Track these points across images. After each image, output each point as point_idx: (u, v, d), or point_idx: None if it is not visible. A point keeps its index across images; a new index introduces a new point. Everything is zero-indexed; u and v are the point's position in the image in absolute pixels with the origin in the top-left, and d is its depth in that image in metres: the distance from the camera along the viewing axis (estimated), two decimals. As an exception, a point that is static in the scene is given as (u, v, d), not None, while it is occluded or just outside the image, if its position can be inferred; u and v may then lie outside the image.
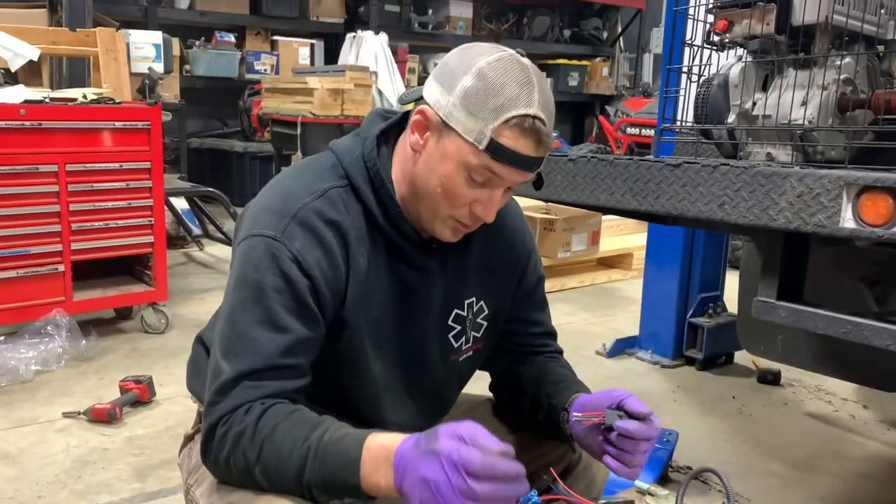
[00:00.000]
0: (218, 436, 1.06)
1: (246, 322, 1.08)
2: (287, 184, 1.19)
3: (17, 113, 3.00)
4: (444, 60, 1.14)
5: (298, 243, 1.10)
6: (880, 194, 1.36)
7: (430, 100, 1.11)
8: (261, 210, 1.15)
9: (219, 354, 1.09)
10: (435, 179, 1.11)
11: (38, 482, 2.21)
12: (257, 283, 1.09)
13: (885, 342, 1.41)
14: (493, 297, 1.33)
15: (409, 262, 1.21)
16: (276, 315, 1.08)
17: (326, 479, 1.01)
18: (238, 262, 1.13)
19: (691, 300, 3.38)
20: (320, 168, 1.20)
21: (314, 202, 1.13)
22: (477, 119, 1.06)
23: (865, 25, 1.74)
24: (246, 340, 1.08)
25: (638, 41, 10.36)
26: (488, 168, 1.08)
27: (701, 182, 1.63)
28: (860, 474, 2.46)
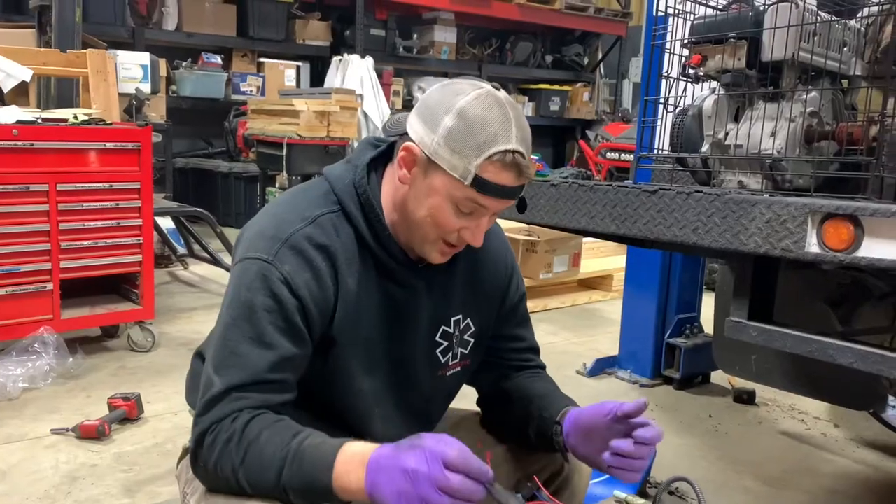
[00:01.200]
0: (206, 444, 1.13)
1: (237, 339, 1.16)
2: (281, 211, 1.27)
3: (10, 133, 3.05)
4: (425, 97, 1.22)
5: (289, 266, 1.18)
6: (842, 221, 1.45)
7: (414, 137, 1.19)
8: (255, 235, 1.23)
9: (211, 370, 1.17)
10: (424, 210, 1.20)
11: (28, 497, 2.24)
12: (249, 303, 1.17)
13: (848, 360, 1.50)
14: (478, 314, 1.41)
15: (398, 281, 1.29)
16: (264, 332, 1.16)
17: (302, 480, 1.08)
18: (233, 282, 1.21)
19: (669, 321, 3.47)
20: (313, 195, 1.28)
21: (305, 228, 1.22)
22: (461, 157, 1.14)
23: (830, 62, 1.84)
24: (236, 356, 1.15)
25: (618, 67, 10.56)
26: (474, 200, 1.18)
27: (676, 208, 1.72)
28: (831, 490, 2.54)
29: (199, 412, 1.16)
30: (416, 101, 8.84)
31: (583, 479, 1.38)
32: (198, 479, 1.19)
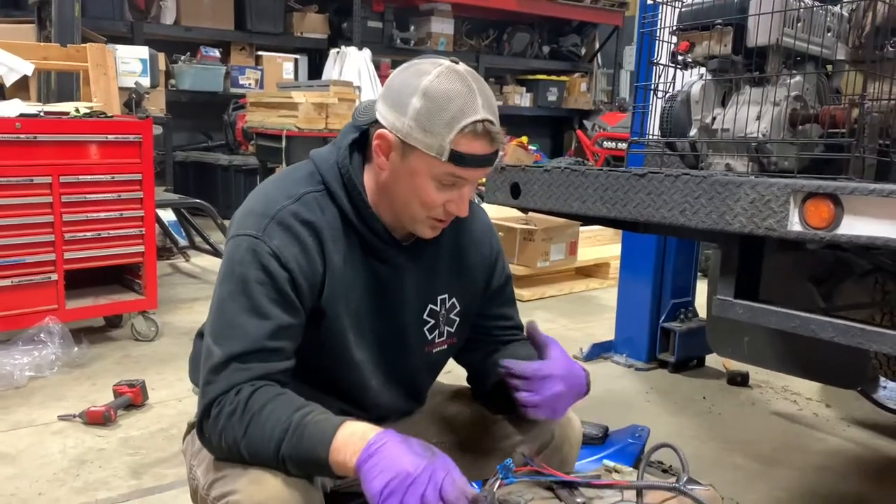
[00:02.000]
0: (212, 415, 1.19)
1: (233, 311, 1.22)
2: (268, 189, 1.33)
3: (13, 126, 3.10)
4: (388, 82, 1.27)
5: (277, 241, 1.24)
6: (823, 200, 1.50)
7: (385, 123, 1.24)
8: (245, 213, 1.30)
9: (210, 341, 1.22)
10: (408, 191, 1.26)
11: (37, 480, 2.30)
12: (242, 277, 1.23)
13: (829, 334, 1.55)
14: (463, 294, 1.47)
15: (382, 258, 1.35)
16: (259, 304, 1.21)
17: (300, 452, 1.13)
18: (225, 259, 1.27)
19: (664, 306, 3.52)
20: (299, 175, 1.34)
21: (291, 205, 1.28)
22: (434, 135, 1.20)
23: (813, 47, 1.89)
24: (233, 327, 1.21)
25: (615, 57, 10.58)
26: (453, 174, 1.23)
27: (664, 190, 1.77)
28: (820, 467, 2.60)
29: (203, 381, 1.21)
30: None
31: (573, 449, 1.44)
32: (205, 448, 1.24)
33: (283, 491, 1.13)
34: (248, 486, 1.13)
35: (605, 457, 2.24)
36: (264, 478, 1.14)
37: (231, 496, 1.14)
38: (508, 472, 1.17)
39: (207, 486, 1.22)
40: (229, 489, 1.16)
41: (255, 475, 1.15)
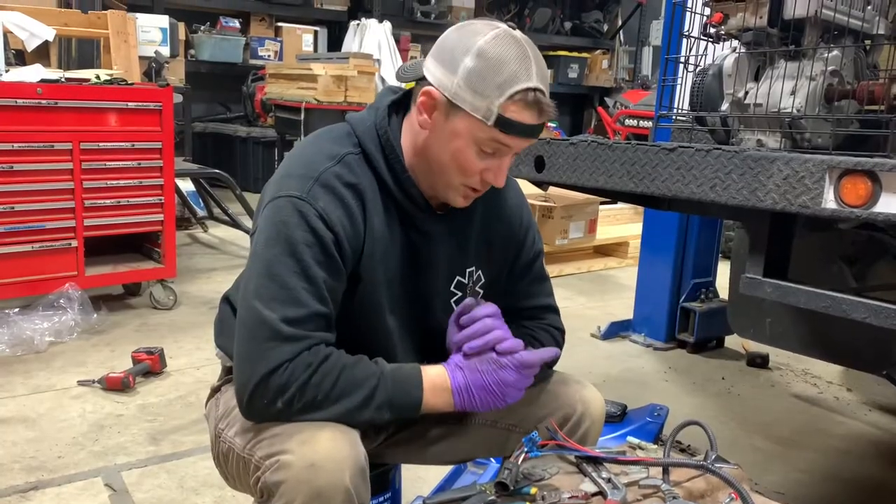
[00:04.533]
0: (278, 382, 1.14)
1: (284, 274, 1.17)
2: (308, 152, 1.29)
3: (34, 92, 3.09)
4: (441, 40, 1.22)
5: (322, 202, 1.20)
6: (860, 177, 1.46)
7: (433, 80, 1.20)
8: (284, 175, 1.25)
9: (260, 306, 1.16)
10: (447, 154, 1.22)
11: (57, 444, 2.32)
12: (289, 238, 1.18)
13: (861, 315, 1.51)
14: (490, 267, 1.44)
15: (416, 226, 1.31)
16: (308, 266, 1.18)
17: (396, 396, 1.19)
18: (266, 221, 1.22)
19: (684, 285, 3.49)
20: (336, 136, 1.31)
21: (334, 167, 1.24)
22: (483, 97, 1.15)
23: (853, 20, 1.83)
24: (286, 290, 1.17)
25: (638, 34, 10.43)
26: (497, 140, 1.19)
27: (695, 165, 1.73)
28: (841, 450, 2.57)
29: (256, 349, 1.15)
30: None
31: (595, 424, 1.41)
32: (253, 417, 1.20)
33: (334, 450, 1.12)
34: (300, 446, 1.12)
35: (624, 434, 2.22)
36: (315, 438, 1.12)
37: (282, 456, 1.12)
38: (533, 446, 1.16)
39: (250, 447, 1.20)
40: (278, 449, 1.14)
41: (307, 435, 1.13)
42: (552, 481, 1.15)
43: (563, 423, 1.37)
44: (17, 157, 3.08)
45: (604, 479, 1.15)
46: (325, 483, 1.09)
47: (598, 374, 3.12)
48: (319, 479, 1.09)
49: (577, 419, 1.39)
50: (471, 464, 2.08)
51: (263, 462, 1.15)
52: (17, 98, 3.05)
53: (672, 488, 1.15)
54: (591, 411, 1.41)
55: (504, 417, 1.41)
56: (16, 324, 3.07)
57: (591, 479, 1.15)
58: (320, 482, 1.09)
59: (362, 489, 1.14)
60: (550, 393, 1.41)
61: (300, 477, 1.09)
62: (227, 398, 1.35)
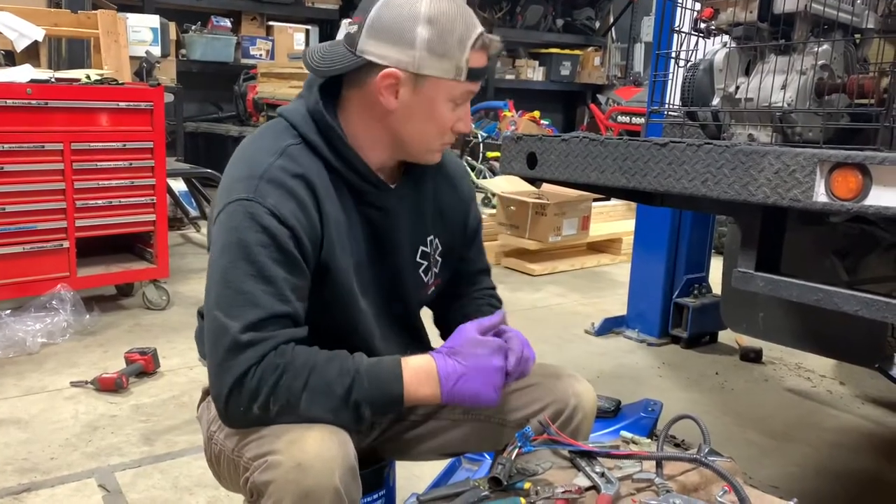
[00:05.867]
0: (249, 387, 1.13)
1: (239, 279, 1.16)
2: (248, 152, 1.28)
3: (24, 92, 3.08)
4: (374, 21, 1.21)
5: (272, 199, 1.19)
6: (850, 170, 1.46)
7: (385, 62, 1.21)
8: (230, 181, 1.24)
9: (220, 314, 1.15)
10: (425, 122, 1.26)
11: (49, 445, 2.31)
12: (242, 242, 1.17)
13: (853, 308, 1.52)
14: (446, 234, 1.47)
15: (373, 203, 1.32)
16: (265, 268, 1.16)
17: (374, 393, 1.17)
18: (219, 230, 1.21)
19: (677, 281, 3.50)
20: (274, 132, 1.30)
21: (277, 161, 1.23)
22: (449, 59, 1.21)
23: (842, 14, 1.83)
24: (243, 295, 1.15)
25: (629, 31, 10.44)
26: (469, 91, 1.26)
27: (686, 160, 1.73)
28: (834, 444, 2.58)
29: (221, 360, 1.14)
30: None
31: (587, 418, 1.42)
32: (233, 425, 1.20)
33: (322, 449, 1.11)
34: (289, 446, 1.11)
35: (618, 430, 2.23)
36: (303, 437, 1.11)
37: (270, 456, 1.12)
38: (526, 441, 1.16)
39: (239, 449, 1.20)
40: (267, 449, 1.13)
41: (295, 435, 1.12)
42: (546, 476, 1.15)
43: (555, 416, 1.38)
44: (8, 157, 3.07)
45: (597, 473, 1.15)
46: (313, 483, 1.09)
47: (592, 370, 3.12)
48: (308, 479, 1.09)
49: (569, 413, 1.39)
50: (465, 460, 2.08)
51: (252, 463, 1.15)
52: (7, 98, 3.03)
53: (665, 482, 1.15)
54: (583, 405, 1.42)
55: (496, 411, 1.42)
56: (7, 325, 3.05)
57: (585, 474, 1.15)
58: (308, 482, 1.09)
59: (352, 488, 1.14)
60: (543, 387, 1.42)
61: (288, 477, 1.09)
62: None
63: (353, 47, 1.23)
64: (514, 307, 4.06)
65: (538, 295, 4.34)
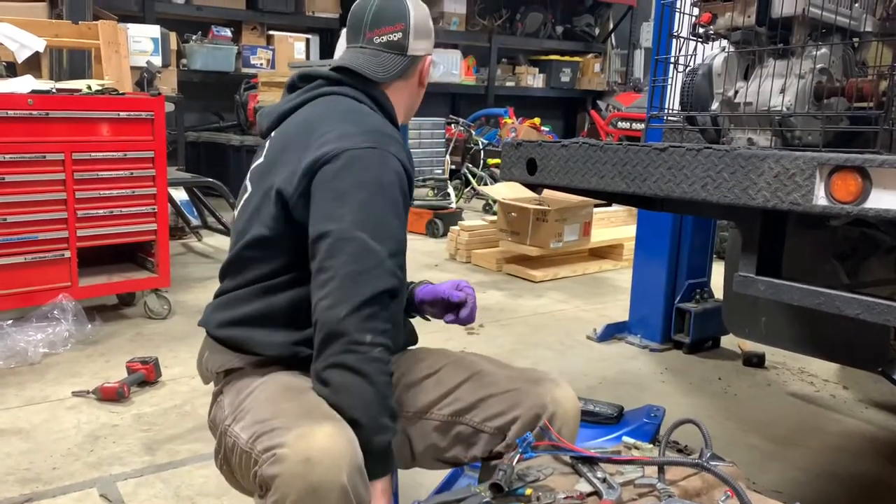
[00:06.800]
0: (384, 304, 1.27)
1: (380, 211, 1.31)
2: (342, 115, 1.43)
3: (25, 102, 3.09)
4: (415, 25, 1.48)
5: (393, 149, 1.37)
6: (850, 173, 1.46)
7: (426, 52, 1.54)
8: (338, 135, 1.36)
9: (365, 237, 1.27)
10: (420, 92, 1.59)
11: (51, 455, 2.31)
12: (379, 181, 1.32)
13: (855, 311, 1.51)
14: None
15: None
16: (398, 205, 1.34)
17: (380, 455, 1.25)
18: (347, 170, 1.31)
19: (679, 286, 3.49)
20: (351, 102, 1.48)
21: (380, 120, 1.45)
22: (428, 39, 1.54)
23: (840, 18, 1.84)
24: (384, 225, 1.31)
25: (629, 37, 10.47)
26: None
27: (686, 164, 1.73)
28: (838, 448, 2.57)
29: (367, 270, 1.25)
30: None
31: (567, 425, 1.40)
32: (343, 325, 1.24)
33: (331, 445, 1.12)
34: (297, 440, 1.12)
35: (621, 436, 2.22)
36: (313, 432, 1.13)
37: (278, 449, 1.13)
38: (528, 447, 1.15)
39: (252, 440, 1.21)
40: (276, 442, 1.15)
41: (305, 430, 1.14)
42: (547, 482, 1.15)
43: (533, 422, 1.36)
44: (9, 168, 3.07)
45: (599, 478, 1.14)
46: (319, 478, 1.09)
47: (594, 376, 3.12)
48: (315, 473, 1.09)
49: (547, 419, 1.38)
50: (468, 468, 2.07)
51: (261, 455, 1.16)
52: (8, 109, 3.04)
53: (668, 487, 1.14)
54: (562, 412, 1.41)
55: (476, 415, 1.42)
56: (9, 336, 3.05)
57: (587, 479, 1.15)
58: (315, 477, 1.09)
59: (361, 488, 1.14)
60: (522, 392, 1.43)
61: (295, 471, 1.10)
62: (231, 398, 1.36)
63: (402, 50, 1.49)
64: (515, 314, 4.05)
65: (540, 301, 4.34)
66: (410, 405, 1.48)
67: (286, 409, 1.22)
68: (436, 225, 6.06)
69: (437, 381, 1.50)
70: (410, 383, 1.51)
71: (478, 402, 1.44)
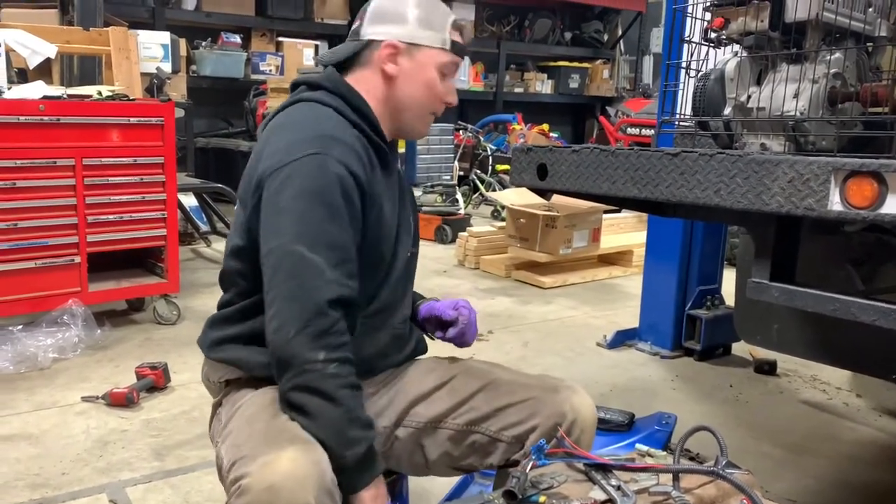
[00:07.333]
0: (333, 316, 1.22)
1: (318, 220, 1.25)
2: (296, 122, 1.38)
3: (37, 108, 3.10)
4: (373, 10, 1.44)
5: (337, 151, 1.30)
6: (865, 178, 1.44)
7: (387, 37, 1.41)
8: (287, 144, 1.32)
9: (303, 249, 1.23)
10: (421, 86, 1.44)
11: (61, 460, 2.31)
12: (317, 189, 1.26)
13: (871, 318, 1.50)
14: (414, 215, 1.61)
15: (387, 167, 1.47)
16: (339, 211, 1.27)
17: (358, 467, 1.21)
18: (289, 180, 1.27)
19: (690, 293, 3.47)
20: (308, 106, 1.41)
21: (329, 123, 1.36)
22: (437, 31, 1.44)
23: (854, 23, 1.82)
24: (323, 235, 1.25)
25: (638, 43, 10.46)
26: (454, 63, 1.47)
27: (698, 170, 1.72)
28: (851, 456, 2.55)
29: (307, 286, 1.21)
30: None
31: (586, 433, 1.39)
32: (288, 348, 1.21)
33: (295, 469, 1.10)
34: (260, 469, 1.11)
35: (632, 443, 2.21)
36: (277, 458, 1.11)
37: (243, 480, 1.12)
38: (541, 454, 1.14)
39: (228, 468, 1.20)
40: (242, 472, 1.13)
41: (270, 457, 1.12)
42: (561, 489, 1.13)
43: (553, 430, 1.35)
44: (20, 173, 3.08)
45: (613, 486, 1.13)
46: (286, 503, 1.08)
47: (604, 383, 3.10)
48: (280, 499, 1.08)
49: (567, 427, 1.36)
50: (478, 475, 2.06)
51: (231, 487, 1.16)
52: (20, 115, 3.05)
53: (682, 495, 1.13)
54: (581, 419, 1.40)
55: (493, 424, 1.41)
56: (19, 340, 3.06)
57: (601, 487, 1.13)
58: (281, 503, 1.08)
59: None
60: (540, 401, 1.41)
61: (260, 499, 1.09)
62: (227, 410, 1.36)
63: (356, 35, 1.45)
64: (524, 320, 4.04)
65: (549, 308, 4.32)
66: (423, 415, 1.47)
67: (257, 433, 1.21)
68: (444, 231, 6.06)
69: (449, 390, 1.48)
70: (422, 394, 1.49)
71: (494, 411, 1.43)
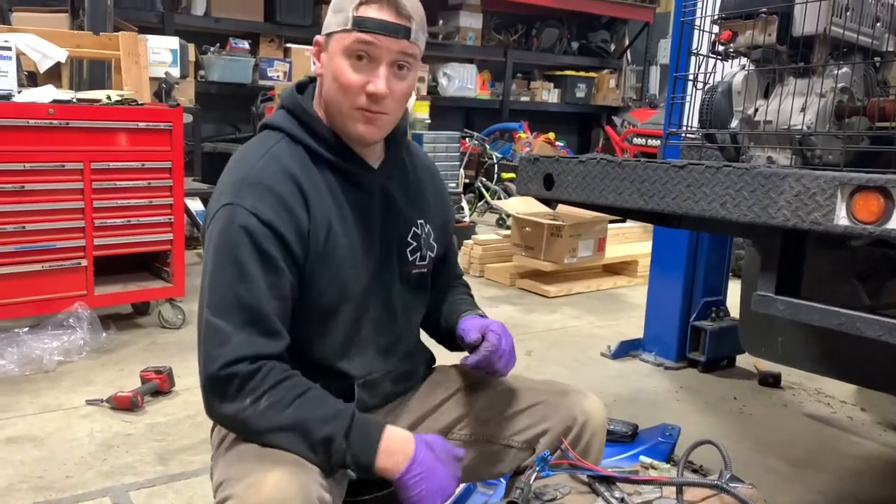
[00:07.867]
0: (244, 372, 1.16)
1: (225, 281, 1.20)
2: (234, 162, 1.33)
3: (46, 112, 3.12)
4: None
5: (250, 199, 1.23)
6: (872, 193, 1.44)
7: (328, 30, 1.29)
8: (217, 191, 1.30)
9: (208, 313, 1.20)
10: (332, 82, 1.28)
11: (65, 463, 2.31)
12: (226, 245, 1.21)
13: (876, 332, 1.49)
14: (435, 222, 1.50)
15: (359, 185, 1.36)
16: (246, 266, 1.20)
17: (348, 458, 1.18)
18: (209, 235, 1.26)
19: (695, 304, 3.47)
20: (259, 139, 1.36)
21: (257, 163, 1.28)
22: (342, 12, 1.25)
23: (862, 37, 1.83)
24: (232, 297, 1.19)
25: (645, 54, 10.47)
26: (360, 41, 1.24)
27: (705, 182, 1.72)
28: (856, 471, 2.54)
29: (209, 351, 1.18)
30: (440, 87, 8.89)
31: (597, 436, 1.39)
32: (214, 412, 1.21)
33: (279, 491, 1.09)
34: (244, 491, 1.10)
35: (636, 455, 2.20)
36: (262, 480, 1.10)
37: (227, 502, 1.11)
38: (545, 465, 1.14)
39: (217, 488, 1.20)
40: (227, 494, 1.13)
41: (255, 478, 1.11)
42: (564, 501, 1.14)
43: (563, 435, 1.35)
44: (29, 176, 3.10)
45: (616, 498, 1.13)
46: None
47: (608, 393, 3.09)
48: None
49: (577, 431, 1.37)
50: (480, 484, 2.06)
51: None
52: (30, 118, 3.07)
53: (686, 509, 1.13)
54: (592, 423, 1.40)
55: (502, 431, 1.41)
56: (25, 343, 3.07)
57: (604, 499, 1.14)
58: None
59: None
60: (549, 405, 1.41)
61: None
62: None
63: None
64: (529, 329, 4.04)
65: (553, 317, 4.32)
66: (431, 428, 1.46)
67: (246, 452, 1.21)
68: (449, 238, 6.05)
69: (457, 401, 1.48)
70: (431, 408, 1.49)
71: (503, 418, 1.43)
